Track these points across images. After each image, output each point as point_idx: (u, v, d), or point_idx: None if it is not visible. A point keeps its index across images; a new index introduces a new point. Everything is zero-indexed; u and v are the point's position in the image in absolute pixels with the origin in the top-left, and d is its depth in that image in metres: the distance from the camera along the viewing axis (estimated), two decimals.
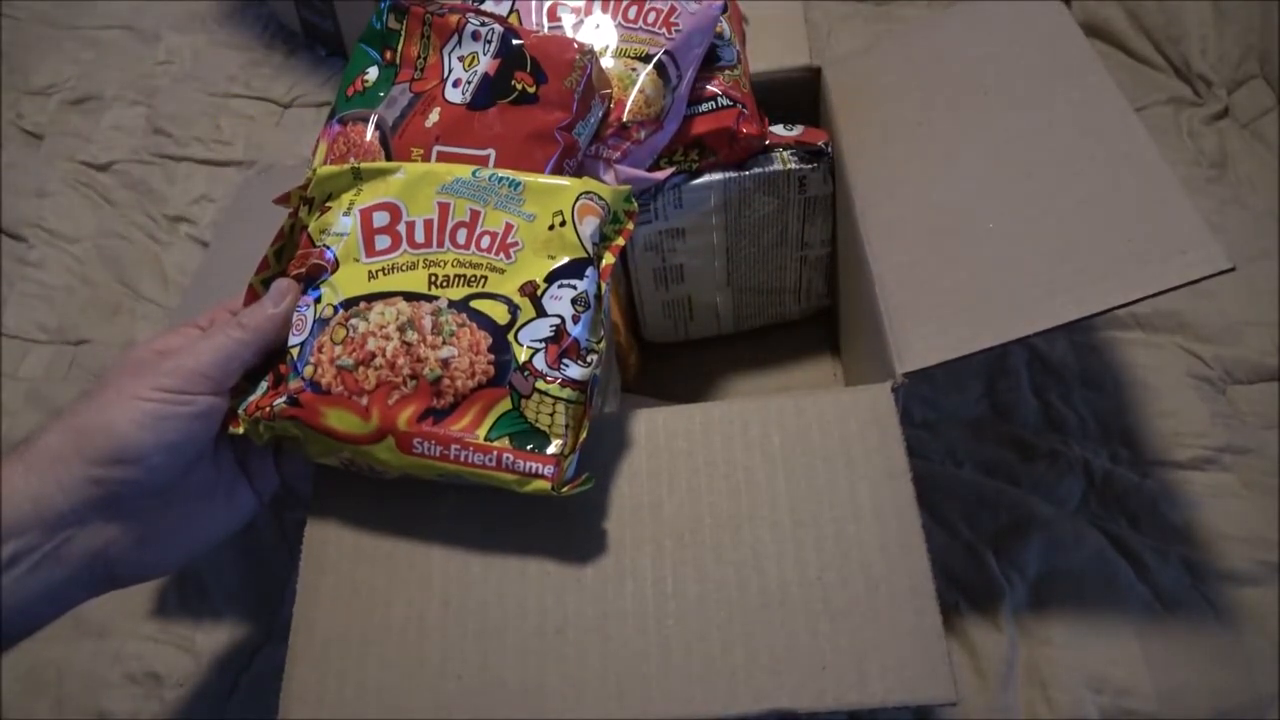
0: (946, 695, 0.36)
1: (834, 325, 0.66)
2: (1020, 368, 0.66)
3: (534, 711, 0.37)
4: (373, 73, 0.50)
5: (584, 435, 0.40)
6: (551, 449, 0.39)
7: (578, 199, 0.42)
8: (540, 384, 0.39)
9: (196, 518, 0.41)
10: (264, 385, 0.42)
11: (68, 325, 0.79)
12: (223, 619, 0.61)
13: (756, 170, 0.54)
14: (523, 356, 0.39)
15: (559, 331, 0.39)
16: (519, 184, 0.42)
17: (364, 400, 0.39)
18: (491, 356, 0.39)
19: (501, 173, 0.43)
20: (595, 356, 0.40)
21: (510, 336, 0.40)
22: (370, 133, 0.48)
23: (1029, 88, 0.50)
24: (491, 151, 0.45)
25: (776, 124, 0.57)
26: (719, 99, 0.53)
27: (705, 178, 0.54)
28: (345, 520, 0.43)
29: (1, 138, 0.94)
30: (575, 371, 0.39)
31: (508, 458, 0.38)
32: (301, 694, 0.39)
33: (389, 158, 0.47)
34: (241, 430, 0.41)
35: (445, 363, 0.39)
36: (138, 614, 0.61)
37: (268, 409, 0.40)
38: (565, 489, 0.38)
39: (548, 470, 0.38)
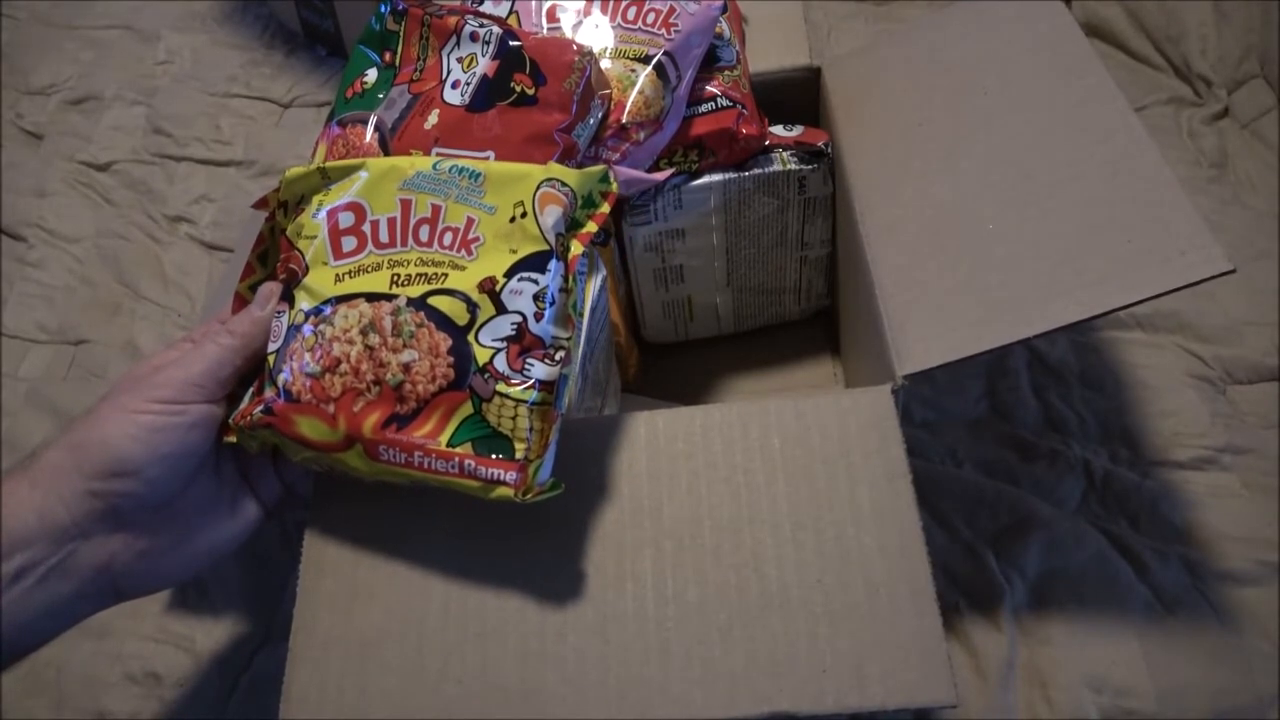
0: (947, 698, 0.36)
1: (834, 325, 0.66)
2: (1020, 368, 0.66)
3: (534, 714, 0.37)
4: (372, 74, 0.50)
5: (554, 437, 0.38)
6: (515, 454, 0.37)
7: (539, 187, 0.40)
8: (501, 387, 0.37)
9: (201, 529, 0.41)
10: (250, 393, 0.42)
11: (68, 325, 0.79)
12: (223, 619, 0.61)
13: (756, 171, 0.54)
14: (483, 358, 0.38)
15: (520, 330, 0.38)
16: (479, 175, 0.41)
17: (331, 408, 0.39)
18: (451, 359, 0.38)
19: (462, 163, 0.41)
20: (563, 354, 0.38)
21: (470, 337, 0.38)
22: (369, 134, 0.48)
23: (1029, 88, 0.50)
24: (490, 153, 0.45)
25: (776, 124, 0.57)
26: (719, 99, 0.53)
27: (705, 178, 0.54)
28: (345, 523, 0.43)
29: (1, 138, 0.94)
30: (541, 371, 0.38)
31: (470, 464, 0.37)
32: (302, 697, 0.39)
33: None
34: (235, 439, 0.41)
35: (407, 367, 0.38)
36: (138, 614, 0.61)
37: (248, 418, 0.40)
38: (531, 496, 0.37)
39: (510, 477, 0.37)
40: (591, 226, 0.40)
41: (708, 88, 0.53)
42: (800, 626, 0.38)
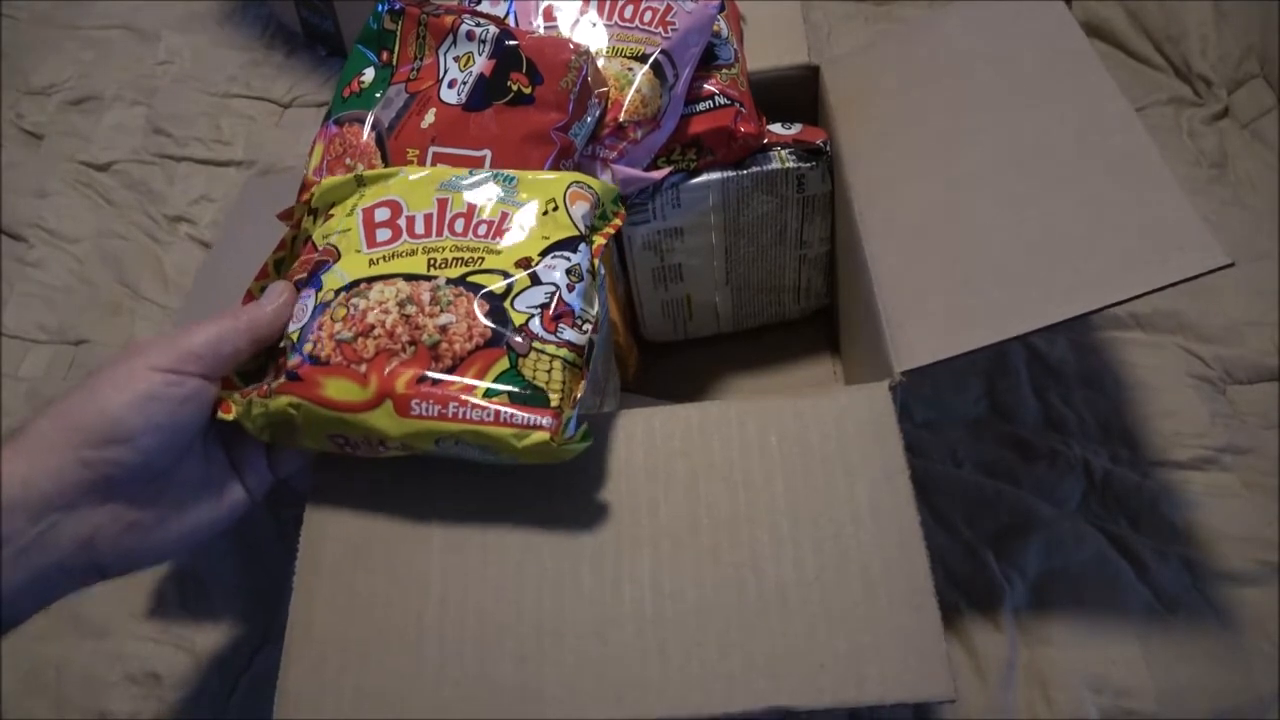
0: (945, 692, 0.36)
1: (833, 324, 0.66)
2: (1020, 367, 0.66)
3: (531, 714, 0.37)
4: (369, 74, 0.50)
5: (580, 395, 0.40)
6: (551, 403, 0.38)
7: (569, 187, 0.43)
8: (537, 343, 0.39)
9: (186, 510, 0.41)
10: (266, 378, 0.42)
11: (68, 325, 0.79)
12: (222, 619, 0.61)
13: (755, 169, 0.54)
14: (519, 321, 0.39)
15: (554, 298, 0.40)
16: (513, 179, 0.43)
17: (363, 368, 0.39)
18: (488, 321, 0.39)
19: (496, 171, 0.44)
20: (590, 325, 0.41)
21: (506, 304, 0.40)
22: (367, 133, 0.48)
23: (1029, 88, 0.50)
24: (488, 152, 0.45)
25: (774, 123, 0.57)
26: (716, 98, 0.53)
27: (703, 177, 0.54)
28: (342, 522, 0.43)
29: (1, 138, 0.94)
30: (571, 335, 0.40)
31: (506, 411, 0.38)
32: (297, 696, 0.39)
33: (385, 158, 0.47)
34: (232, 415, 0.41)
35: (443, 329, 0.39)
36: (138, 614, 0.61)
37: (265, 387, 0.40)
38: (563, 444, 0.38)
39: (546, 421, 0.37)
40: (608, 230, 0.44)
41: (706, 86, 0.53)
42: (798, 625, 0.38)
